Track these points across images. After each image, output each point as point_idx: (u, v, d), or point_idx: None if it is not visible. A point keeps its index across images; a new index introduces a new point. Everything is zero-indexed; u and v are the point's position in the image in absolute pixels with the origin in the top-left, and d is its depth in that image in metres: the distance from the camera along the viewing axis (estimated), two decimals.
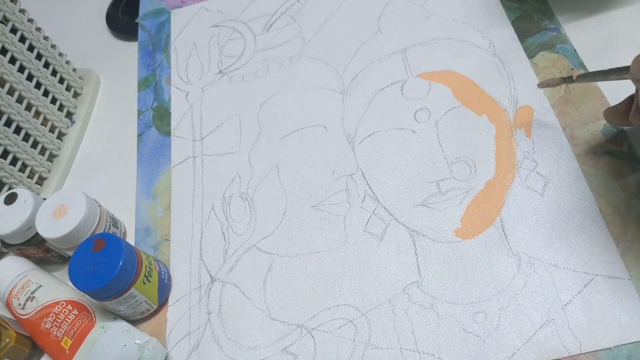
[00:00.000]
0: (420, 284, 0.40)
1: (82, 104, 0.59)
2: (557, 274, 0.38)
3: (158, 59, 0.59)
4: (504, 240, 0.40)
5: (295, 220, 0.45)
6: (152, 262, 0.43)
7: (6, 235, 0.44)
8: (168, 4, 0.64)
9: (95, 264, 0.39)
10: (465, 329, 0.37)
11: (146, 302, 0.42)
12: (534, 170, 0.42)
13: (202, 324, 0.42)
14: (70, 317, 0.41)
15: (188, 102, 0.55)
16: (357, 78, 0.51)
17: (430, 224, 0.42)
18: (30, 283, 0.43)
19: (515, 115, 0.45)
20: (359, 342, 0.39)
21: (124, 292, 0.40)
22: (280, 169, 0.48)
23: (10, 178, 0.49)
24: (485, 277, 0.39)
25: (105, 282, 0.38)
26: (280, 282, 0.42)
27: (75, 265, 0.39)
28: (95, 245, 0.40)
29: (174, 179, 0.50)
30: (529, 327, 0.36)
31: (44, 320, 0.41)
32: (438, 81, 0.49)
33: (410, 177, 0.45)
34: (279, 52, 0.56)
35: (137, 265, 0.40)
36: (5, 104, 0.48)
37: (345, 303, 0.40)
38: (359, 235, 0.43)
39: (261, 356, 0.40)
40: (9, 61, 0.50)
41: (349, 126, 0.49)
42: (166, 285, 0.44)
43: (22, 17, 0.52)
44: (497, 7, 0.52)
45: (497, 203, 0.42)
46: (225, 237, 0.46)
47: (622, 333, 0.35)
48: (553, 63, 0.47)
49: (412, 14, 0.54)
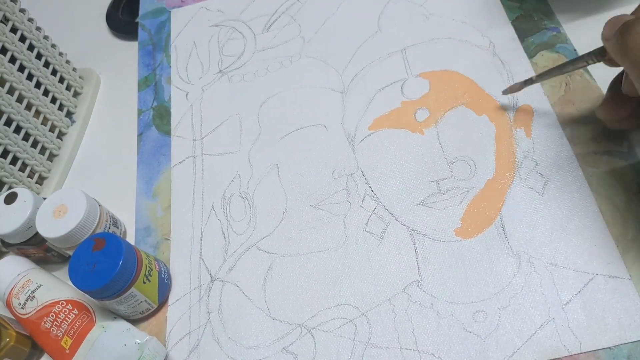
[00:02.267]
0: (420, 284, 0.40)
1: (82, 103, 0.59)
2: (557, 274, 0.38)
3: (158, 58, 0.59)
4: (504, 240, 0.40)
5: (296, 219, 0.45)
6: (152, 261, 0.43)
7: (6, 234, 0.44)
8: (168, 4, 0.64)
9: (95, 264, 0.39)
10: (465, 328, 0.37)
11: (146, 302, 0.42)
12: (534, 170, 0.42)
13: (202, 324, 0.42)
14: (70, 317, 0.41)
15: (188, 102, 0.55)
16: (357, 77, 0.51)
17: (430, 224, 0.42)
18: (30, 282, 0.43)
19: (515, 115, 0.45)
20: (359, 342, 0.39)
21: (124, 291, 0.40)
22: (280, 169, 0.48)
23: (10, 177, 0.49)
24: (485, 276, 0.39)
25: (105, 282, 0.38)
26: (280, 281, 0.42)
27: (75, 265, 0.39)
28: (96, 244, 0.40)
29: (174, 178, 0.50)
30: (529, 326, 0.36)
31: (44, 319, 0.41)
32: (438, 81, 0.49)
33: (410, 177, 0.45)
34: (279, 51, 0.56)
35: (137, 265, 0.40)
36: (5, 104, 0.48)
37: (345, 302, 0.40)
38: (359, 234, 0.43)
39: (261, 355, 0.40)
40: (9, 61, 0.50)
41: (349, 126, 0.49)
42: (166, 285, 0.44)
43: (22, 16, 0.52)
44: (497, 7, 0.52)
45: (497, 202, 0.42)
46: (225, 236, 0.46)
47: (622, 332, 0.35)
48: (553, 62, 0.47)
49: (412, 13, 0.54)
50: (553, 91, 0.46)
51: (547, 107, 0.45)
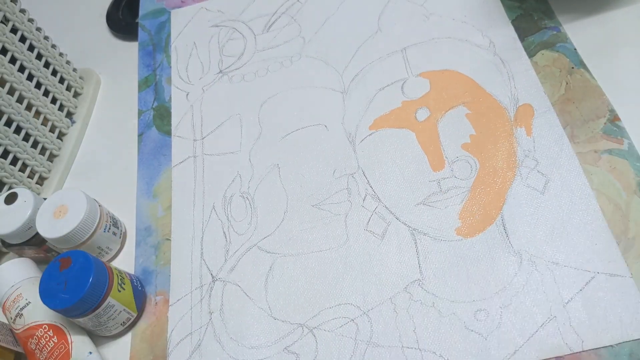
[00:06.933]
0: (421, 282, 0.40)
1: (83, 103, 0.59)
2: (559, 272, 0.38)
3: (158, 58, 0.59)
4: (505, 239, 0.40)
5: (297, 219, 0.45)
6: (121, 271, 0.43)
7: (6, 235, 0.44)
8: (168, 4, 0.64)
9: (66, 281, 0.39)
10: (467, 326, 0.37)
11: (125, 311, 0.42)
12: (535, 169, 0.42)
13: (203, 324, 0.42)
14: (49, 345, 0.40)
15: (188, 102, 0.55)
16: (358, 77, 0.51)
17: (431, 223, 0.42)
18: (20, 298, 0.42)
19: (515, 114, 0.45)
20: (361, 341, 0.39)
21: (102, 302, 0.40)
22: (281, 169, 0.48)
23: (11, 178, 0.49)
24: (487, 275, 0.39)
25: (80, 295, 0.38)
26: (282, 281, 0.42)
27: (46, 288, 0.39)
28: (62, 264, 0.40)
29: (174, 178, 0.50)
30: (531, 324, 0.36)
31: (30, 340, 0.41)
32: (438, 80, 0.49)
33: (411, 176, 0.45)
34: (279, 51, 0.56)
35: (108, 274, 0.40)
36: (6, 104, 0.48)
37: (346, 302, 0.40)
38: (360, 234, 0.43)
39: (263, 355, 0.40)
40: (9, 61, 0.50)
41: (349, 125, 0.49)
42: (140, 292, 0.44)
43: (23, 17, 0.52)
44: (497, 6, 0.52)
45: (498, 201, 0.42)
46: (226, 236, 0.46)
47: (623, 330, 0.35)
48: (553, 62, 0.47)
49: (412, 13, 0.54)
50: (553, 90, 0.46)
51: (548, 105, 0.45)
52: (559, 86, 0.46)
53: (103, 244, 0.46)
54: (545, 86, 0.46)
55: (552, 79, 0.46)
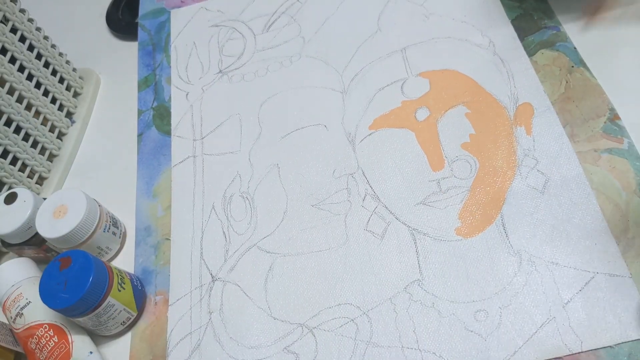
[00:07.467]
0: (421, 283, 0.40)
1: (82, 103, 0.59)
2: (558, 272, 0.38)
3: (158, 58, 0.59)
4: (505, 239, 0.40)
5: (296, 219, 0.45)
6: (121, 271, 0.43)
7: (6, 235, 0.44)
8: (168, 4, 0.64)
9: (66, 281, 0.39)
10: (467, 327, 0.37)
11: (125, 310, 0.42)
12: (535, 168, 0.42)
13: (203, 324, 0.42)
14: (50, 344, 0.40)
15: (188, 102, 0.55)
16: (358, 77, 0.51)
17: (431, 223, 0.42)
18: (20, 298, 0.42)
19: (515, 113, 0.45)
20: (361, 341, 0.39)
21: (102, 301, 0.40)
22: (280, 168, 0.48)
23: (10, 178, 0.49)
24: (486, 275, 0.39)
25: (81, 294, 0.38)
26: (282, 281, 0.42)
27: (46, 287, 0.39)
28: (62, 264, 0.40)
29: (174, 178, 0.50)
30: (530, 325, 0.36)
31: (30, 340, 0.41)
32: (438, 80, 0.49)
33: (410, 176, 0.45)
34: (279, 51, 0.56)
35: (108, 274, 0.40)
36: (5, 104, 0.48)
37: (346, 302, 0.40)
38: (360, 234, 0.43)
39: (263, 355, 0.40)
40: (9, 61, 0.50)
41: (349, 125, 0.49)
42: (140, 292, 0.44)
43: (22, 16, 0.52)
44: (497, 6, 0.52)
45: (498, 201, 0.42)
46: (226, 236, 0.46)
47: (623, 331, 0.35)
48: (553, 61, 0.47)
49: (412, 13, 0.54)
50: (553, 89, 0.46)
51: (548, 104, 0.45)
52: (559, 85, 0.46)
53: (103, 244, 0.46)
54: (545, 85, 0.46)
55: (552, 78, 0.46)
